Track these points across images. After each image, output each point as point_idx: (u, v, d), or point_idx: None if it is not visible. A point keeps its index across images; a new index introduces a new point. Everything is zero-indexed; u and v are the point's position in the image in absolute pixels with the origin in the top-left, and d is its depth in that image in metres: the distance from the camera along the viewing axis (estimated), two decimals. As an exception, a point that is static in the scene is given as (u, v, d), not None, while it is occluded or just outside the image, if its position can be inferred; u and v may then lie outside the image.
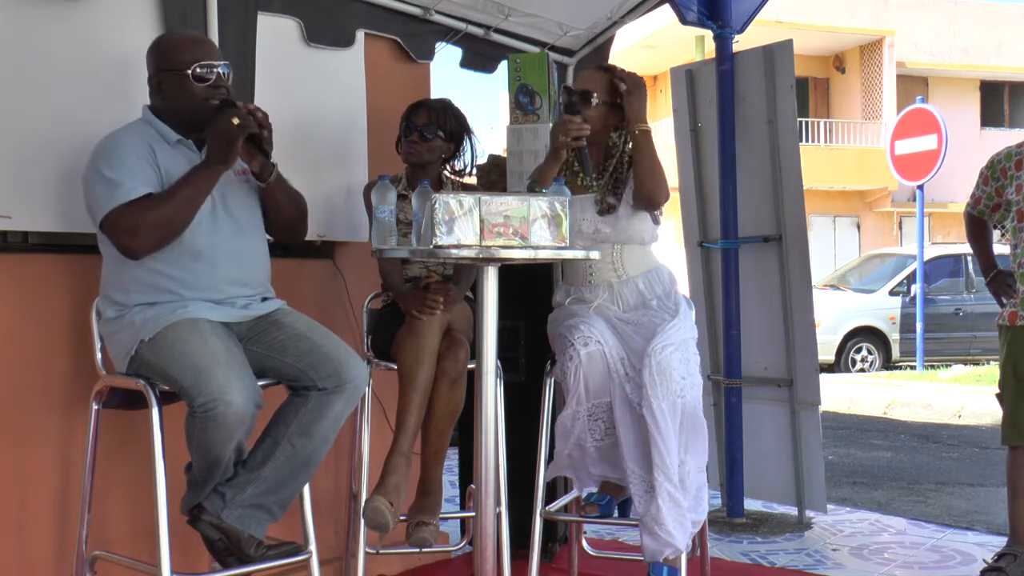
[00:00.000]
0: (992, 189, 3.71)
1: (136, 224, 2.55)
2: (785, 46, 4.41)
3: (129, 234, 2.56)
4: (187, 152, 2.73)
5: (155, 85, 2.72)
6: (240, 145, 2.64)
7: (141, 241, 2.57)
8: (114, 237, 2.58)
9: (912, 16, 21.88)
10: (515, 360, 3.76)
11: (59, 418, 2.87)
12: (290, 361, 2.71)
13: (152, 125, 2.71)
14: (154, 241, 2.58)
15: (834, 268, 17.17)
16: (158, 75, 2.70)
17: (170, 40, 2.78)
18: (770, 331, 4.52)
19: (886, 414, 9.20)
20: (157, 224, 2.57)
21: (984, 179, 3.74)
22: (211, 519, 2.63)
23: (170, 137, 2.71)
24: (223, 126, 2.60)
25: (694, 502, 2.98)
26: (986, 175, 3.74)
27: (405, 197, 3.24)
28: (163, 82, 2.70)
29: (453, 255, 2.41)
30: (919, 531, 4.49)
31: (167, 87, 2.69)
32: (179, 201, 2.59)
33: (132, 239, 2.56)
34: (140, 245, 2.57)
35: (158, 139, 2.69)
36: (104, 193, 2.57)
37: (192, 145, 2.74)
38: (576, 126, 3.09)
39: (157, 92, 2.72)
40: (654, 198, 3.14)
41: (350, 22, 3.65)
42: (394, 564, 3.67)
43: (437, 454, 3.18)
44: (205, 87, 2.67)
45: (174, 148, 2.71)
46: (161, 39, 2.80)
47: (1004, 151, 3.71)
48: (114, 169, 2.57)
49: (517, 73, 3.82)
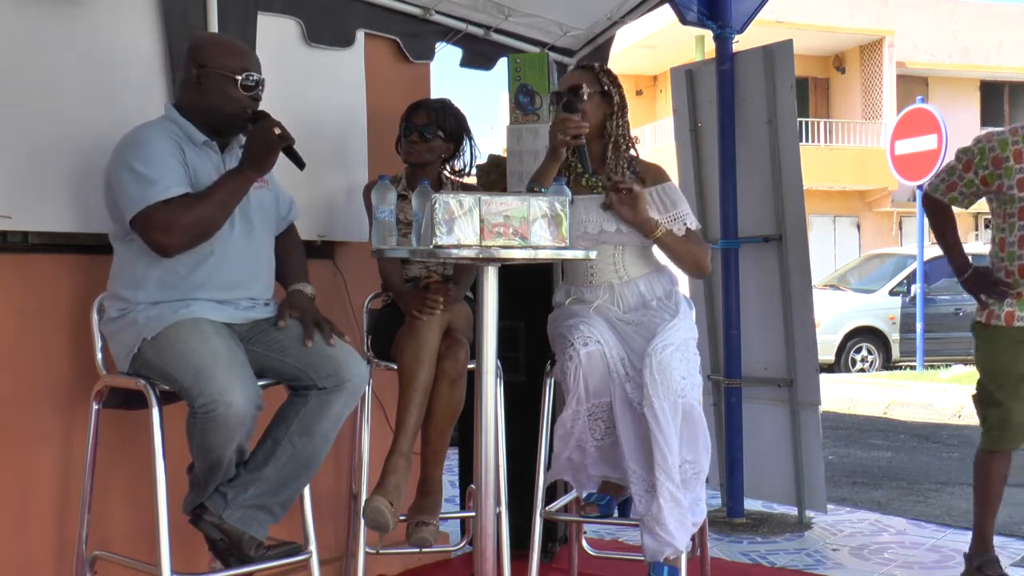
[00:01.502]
0: (978, 177, 3.42)
1: (172, 222, 2.56)
2: (785, 46, 4.41)
3: (164, 231, 2.56)
4: (211, 154, 2.74)
5: (194, 80, 2.70)
6: (276, 155, 2.68)
7: (175, 239, 2.58)
8: (147, 233, 2.58)
9: (912, 16, 21.89)
10: (515, 360, 3.76)
11: (59, 418, 2.87)
12: (290, 361, 2.71)
13: (178, 124, 2.71)
14: (189, 240, 2.60)
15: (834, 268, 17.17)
16: (202, 71, 2.70)
17: (224, 42, 2.80)
18: (770, 331, 4.52)
19: (886, 414, 9.20)
20: (193, 224, 2.58)
21: (966, 165, 3.44)
22: (213, 519, 2.63)
23: (197, 138, 2.71)
24: (265, 134, 2.64)
25: (695, 502, 2.99)
26: (970, 161, 3.44)
27: (405, 197, 3.24)
28: (206, 80, 2.69)
29: (453, 255, 2.41)
30: (919, 531, 4.49)
31: (210, 86, 2.69)
32: (215, 203, 2.62)
33: (167, 236, 2.57)
34: (174, 243, 2.59)
35: (185, 139, 2.70)
36: (137, 189, 2.56)
37: (216, 147, 2.75)
38: (575, 124, 3.10)
39: (194, 88, 2.71)
40: (702, 272, 3.28)
41: (350, 22, 3.66)
42: (394, 564, 3.67)
43: (437, 454, 3.18)
44: (247, 96, 2.71)
45: (200, 149, 2.72)
46: (213, 37, 2.82)
47: (995, 136, 3.43)
48: (147, 165, 2.58)
49: (517, 73, 3.83)
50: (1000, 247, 3.45)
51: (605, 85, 3.21)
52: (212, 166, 2.72)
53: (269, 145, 2.65)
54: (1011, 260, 3.42)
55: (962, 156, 3.48)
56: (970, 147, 3.48)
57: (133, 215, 2.57)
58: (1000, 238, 3.45)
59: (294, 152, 2.72)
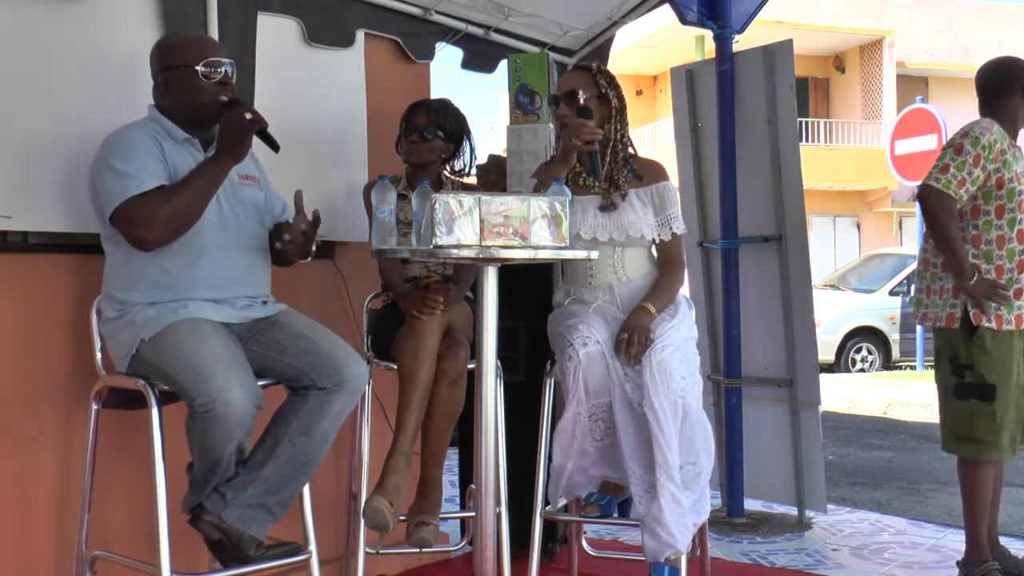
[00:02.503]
0: (984, 173, 3.30)
1: (150, 215, 2.55)
2: (785, 46, 4.41)
3: (142, 225, 2.56)
4: (193, 151, 2.75)
5: (162, 84, 2.72)
6: (251, 140, 2.66)
7: (155, 232, 2.58)
8: (127, 228, 2.58)
9: (912, 16, 21.88)
10: (515, 360, 3.76)
11: (59, 418, 2.87)
12: (290, 361, 2.71)
13: (160, 123, 2.72)
14: (168, 233, 2.60)
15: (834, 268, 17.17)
16: (165, 74, 2.71)
17: (175, 39, 2.79)
18: (770, 331, 4.52)
19: (886, 414, 9.20)
20: (171, 216, 2.58)
21: (975, 159, 3.30)
22: (212, 519, 2.63)
23: (178, 135, 2.72)
24: (236, 119, 2.63)
25: (696, 503, 2.98)
26: (977, 154, 3.30)
27: (405, 197, 3.24)
28: (170, 80, 2.70)
29: (453, 255, 2.41)
30: (919, 531, 4.49)
31: (175, 85, 2.70)
32: (191, 193, 2.61)
33: (145, 230, 2.57)
34: (153, 236, 2.58)
35: (166, 136, 2.70)
36: (116, 185, 2.57)
37: (199, 144, 2.76)
38: (589, 130, 3.09)
39: (164, 91, 2.72)
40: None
41: (350, 22, 3.66)
42: (394, 564, 3.67)
43: (437, 454, 3.18)
44: (213, 84, 2.70)
45: (181, 145, 2.73)
46: (165, 39, 2.81)
47: (995, 128, 3.36)
48: (125, 162, 2.58)
49: (517, 73, 3.82)
50: (997, 244, 3.37)
51: (603, 87, 3.20)
52: (193, 161, 2.71)
53: (242, 130, 2.63)
54: (1011, 257, 3.37)
55: (970, 149, 3.31)
56: (978, 139, 3.33)
57: (112, 211, 2.57)
58: (998, 236, 3.37)
59: (268, 135, 2.69)
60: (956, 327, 3.41)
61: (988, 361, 3.37)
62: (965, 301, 3.37)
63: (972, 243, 3.39)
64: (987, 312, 3.35)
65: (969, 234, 3.40)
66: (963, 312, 3.39)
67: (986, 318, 3.35)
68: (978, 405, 3.38)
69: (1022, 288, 3.39)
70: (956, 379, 3.43)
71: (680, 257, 3.26)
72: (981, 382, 3.38)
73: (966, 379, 3.41)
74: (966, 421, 3.42)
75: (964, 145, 3.34)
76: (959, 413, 3.44)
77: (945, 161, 3.35)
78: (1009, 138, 3.42)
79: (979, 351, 3.38)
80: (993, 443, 3.39)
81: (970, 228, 3.40)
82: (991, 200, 3.37)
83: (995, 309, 3.35)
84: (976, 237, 3.39)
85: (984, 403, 3.37)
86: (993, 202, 3.37)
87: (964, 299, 3.37)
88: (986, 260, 3.38)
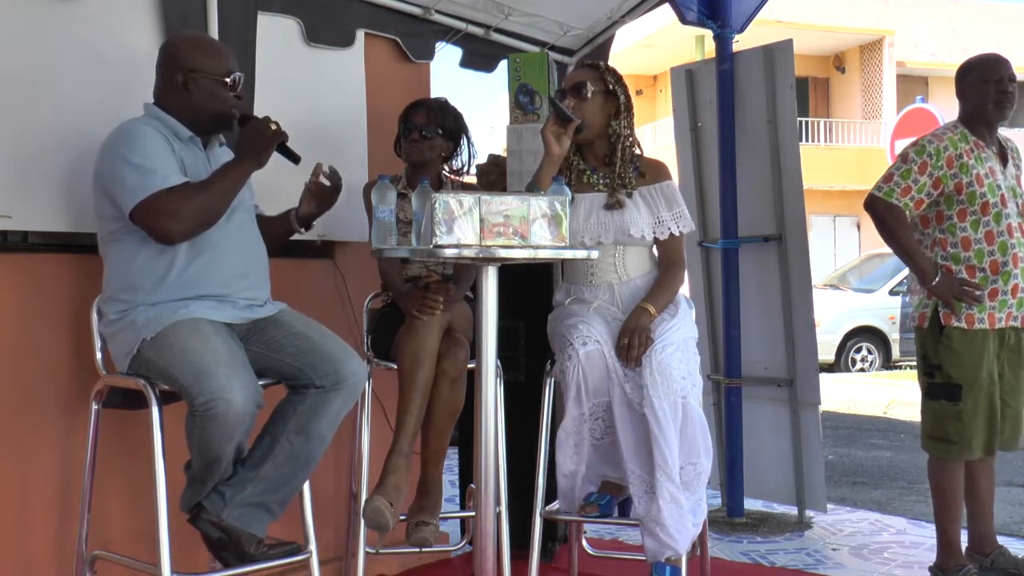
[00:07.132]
0: (931, 180, 3.34)
1: (179, 209, 2.57)
2: (785, 46, 4.41)
3: (171, 218, 2.57)
4: (196, 150, 2.76)
5: (179, 84, 2.71)
6: (272, 149, 2.71)
7: (182, 226, 2.59)
8: (154, 220, 2.58)
9: (912, 16, 21.87)
10: (515, 360, 3.75)
11: (59, 418, 2.87)
12: (289, 360, 2.72)
13: (163, 121, 2.71)
14: (194, 227, 2.62)
15: (834, 268, 17.16)
16: (187, 74, 2.70)
17: (204, 43, 2.81)
18: (770, 331, 4.52)
19: (886, 414, 9.20)
20: (198, 212, 2.60)
21: (921, 167, 3.35)
22: (211, 518, 2.63)
23: (182, 133, 2.73)
24: (262, 128, 2.68)
25: (696, 503, 2.98)
26: (925, 163, 3.35)
27: (405, 196, 3.24)
28: (191, 83, 2.70)
29: (453, 255, 2.41)
30: (919, 531, 4.48)
31: (195, 88, 2.71)
32: (217, 192, 2.64)
33: (174, 223, 2.58)
34: (181, 230, 2.59)
35: (171, 134, 2.71)
36: (137, 180, 2.57)
37: (200, 144, 2.77)
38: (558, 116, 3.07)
39: (179, 91, 2.71)
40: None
41: (350, 22, 3.66)
42: (394, 564, 3.67)
43: (437, 454, 3.18)
44: (234, 96, 2.75)
45: (186, 144, 2.74)
46: (192, 39, 2.82)
47: (945, 136, 3.40)
48: (142, 156, 2.59)
49: (517, 73, 3.82)
50: (963, 246, 3.37)
51: (610, 84, 3.21)
52: (198, 161, 2.74)
53: (267, 139, 2.68)
54: (980, 258, 3.37)
55: (915, 158, 3.37)
56: (924, 147, 3.38)
57: (134, 205, 2.57)
58: (963, 237, 3.37)
59: (288, 149, 2.76)
60: (926, 327, 3.44)
61: (955, 361, 3.38)
62: (936, 302, 3.40)
63: (940, 246, 3.43)
64: (958, 312, 3.36)
65: (936, 237, 3.43)
66: (933, 312, 3.42)
67: (956, 318, 3.36)
68: (946, 406, 3.40)
69: (997, 288, 3.39)
70: (927, 379, 3.47)
71: (680, 257, 3.26)
72: (949, 382, 3.39)
73: (936, 379, 3.43)
74: (937, 422, 3.44)
75: (909, 154, 3.41)
76: (930, 414, 3.48)
77: (890, 170, 3.45)
78: (975, 139, 3.43)
79: (946, 351, 3.39)
80: (961, 444, 3.39)
81: (936, 232, 3.44)
82: (953, 205, 3.40)
83: (966, 309, 3.36)
84: (943, 240, 3.42)
85: (951, 404, 3.39)
86: (955, 206, 3.39)
87: (936, 300, 3.40)
88: (955, 262, 3.40)
